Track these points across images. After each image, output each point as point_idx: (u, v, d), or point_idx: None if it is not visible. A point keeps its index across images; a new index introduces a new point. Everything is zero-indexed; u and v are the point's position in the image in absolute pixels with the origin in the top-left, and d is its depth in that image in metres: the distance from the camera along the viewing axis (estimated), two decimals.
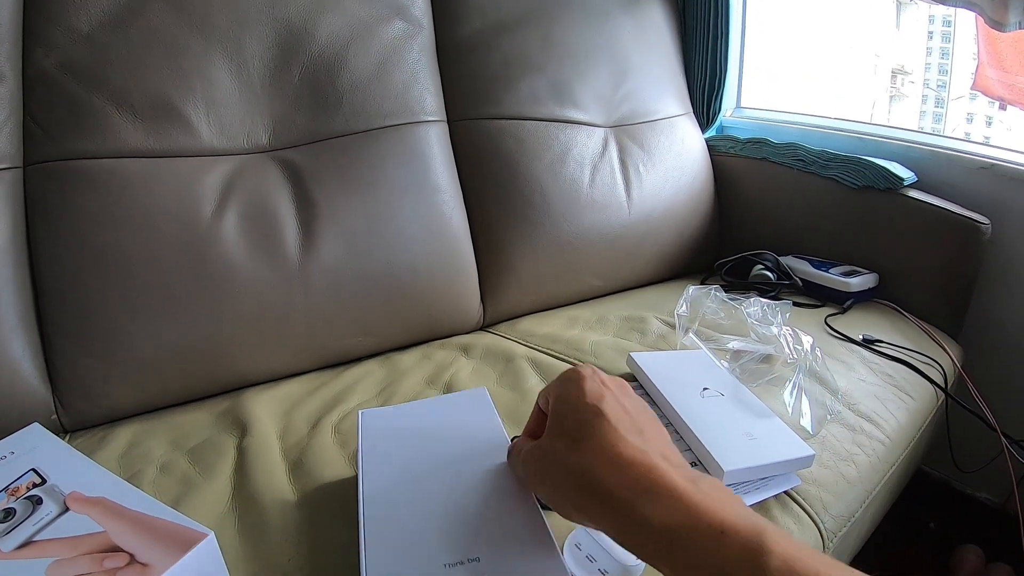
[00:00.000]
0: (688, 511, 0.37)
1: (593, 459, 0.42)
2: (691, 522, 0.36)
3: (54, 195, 0.91)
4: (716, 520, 0.36)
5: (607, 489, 0.41)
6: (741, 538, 0.34)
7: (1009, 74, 1.48)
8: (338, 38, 1.11)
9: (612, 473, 0.41)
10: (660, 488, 0.39)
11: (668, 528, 0.37)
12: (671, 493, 0.38)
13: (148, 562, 0.49)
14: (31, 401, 0.89)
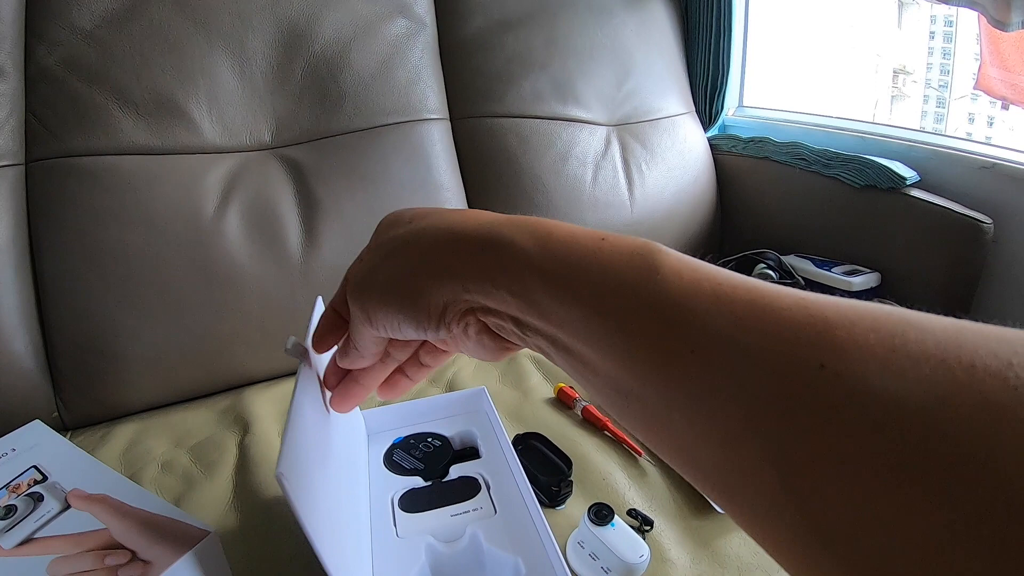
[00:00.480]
0: (548, 232, 0.31)
1: (430, 223, 0.36)
2: (558, 234, 0.30)
3: (56, 192, 0.91)
4: (590, 231, 0.30)
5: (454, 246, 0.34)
6: (624, 244, 0.29)
7: (1012, 74, 1.48)
8: (341, 36, 1.10)
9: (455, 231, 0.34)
10: (512, 224, 0.33)
11: (540, 253, 0.30)
12: (522, 219, 0.33)
13: (150, 559, 0.49)
14: (33, 398, 0.89)
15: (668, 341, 0.24)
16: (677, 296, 0.25)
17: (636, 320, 0.26)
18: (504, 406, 0.91)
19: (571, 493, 0.73)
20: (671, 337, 0.24)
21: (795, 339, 0.22)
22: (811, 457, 0.20)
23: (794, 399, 0.21)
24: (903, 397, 0.19)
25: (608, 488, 0.76)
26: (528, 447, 0.79)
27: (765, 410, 0.21)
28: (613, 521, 0.63)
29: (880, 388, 0.19)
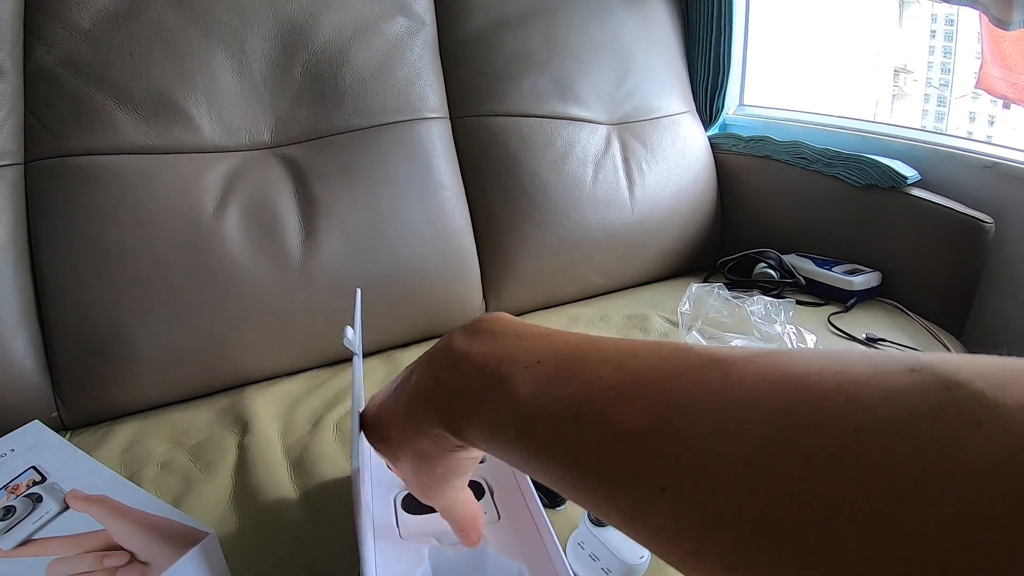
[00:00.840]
0: (452, 387, 0.35)
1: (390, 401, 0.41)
2: (457, 397, 0.34)
3: (55, 192, 0.91)
4: (473, 390, 0.33)
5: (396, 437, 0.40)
6: (494, 396, 0.32)
7: (1013, 72, 1.47)
8: (340, 35, 1.10)
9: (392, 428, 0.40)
10: (419, 387, 0.37)
11: (450, 420, 0.34)
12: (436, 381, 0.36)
13: (149, 561, 0.49)
14: (32, 398, 0.89)
15: (560, 479, 0.28)
16: (544, 446, 0.29)
17: (533, 464, 0.30)
18: None
19: None
20: (559, 476, 0.28)
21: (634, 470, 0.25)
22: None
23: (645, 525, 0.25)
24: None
25: None
26: None
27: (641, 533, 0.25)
28: None
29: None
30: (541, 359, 0.31)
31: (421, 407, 0.36)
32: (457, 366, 0.34)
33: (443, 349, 0.36)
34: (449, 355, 0.35)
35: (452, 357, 0.35)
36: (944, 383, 0.18)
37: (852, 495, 0.18)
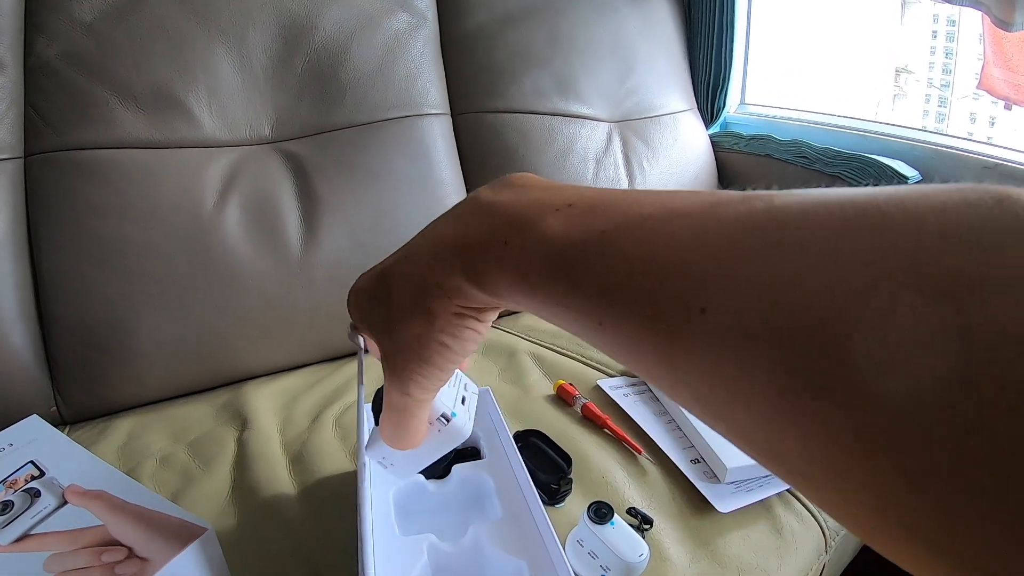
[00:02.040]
0: (476, 231, 0.33)
1: (387, 284, 0.37)
2: (479, 243, 0.32)
3: (55, 186, 0.90)
4: (499, 231, 0.31)
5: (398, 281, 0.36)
6: (521, 238, 0.30)
7: (1015, 74, 1.47)
8: (342, 30, 1.10)
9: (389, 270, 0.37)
10: (443, 233, 0.34)
11: (471, 266, 0.32)
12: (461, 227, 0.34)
13: (147, 556, 0.49)
14: (31, 393, 0.89)
15: (584, 319, 0.27)
16: (571, 281, 0.27)
17: (557, 305, 0.28)
18: (504, 403, 0.90)
19: (571, 491, 0.73)
20: (586, 315, 0.27)
21: (669, 293, 0.23)
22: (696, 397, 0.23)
23: (679, 350, 0.23)
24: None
25: (607, 486, 0.75)
26: (528, 444, 0.79)
27: (664, 363, 0.24)
28: (613, 520, 0.63)
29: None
30: (573, 203, 0.30)
31: (439, 258, 0.33)
32: (482, 213, 0.33)
33: (468, 202, 0.35)
34: (474, 205, 0.34)
35: (477, 206, 0.33)
36: (996, 195, 0.17)
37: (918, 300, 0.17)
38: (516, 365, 1.03)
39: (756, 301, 0.20)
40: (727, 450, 0.77)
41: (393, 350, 0.36)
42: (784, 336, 0.19)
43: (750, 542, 0.71)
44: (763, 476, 0.79)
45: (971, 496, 0.15)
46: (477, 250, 0.31)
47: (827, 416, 0.18)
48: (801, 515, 0.77)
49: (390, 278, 0.37)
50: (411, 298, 0.35)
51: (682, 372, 0.23)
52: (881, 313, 0.17)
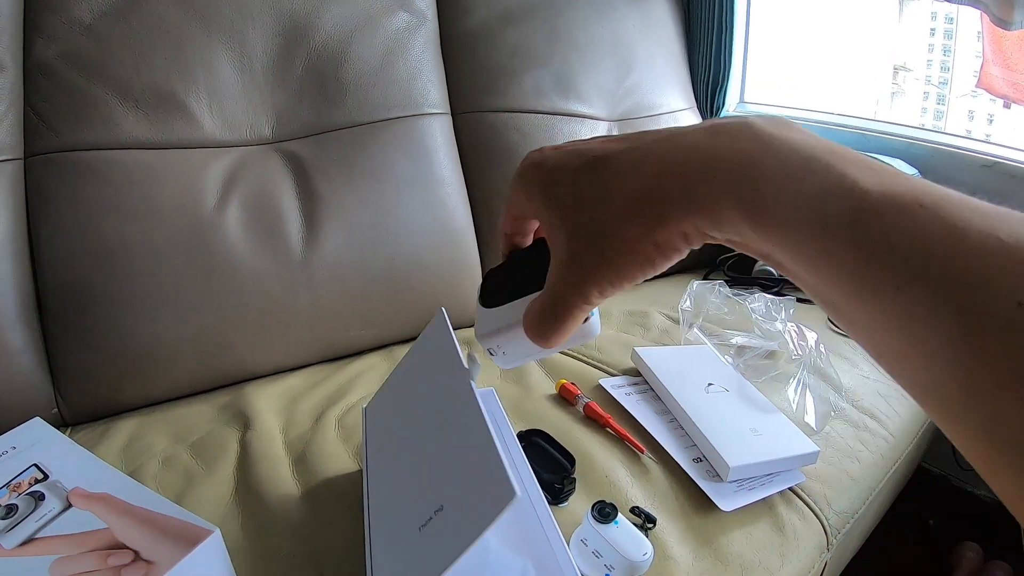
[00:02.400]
0: (760, 163, 0.29)
1: (631, 192, 0.32)
2: (764, 174, 0.29)
3: (55, 187, 0.90)
4: (792, 166, 0.29)
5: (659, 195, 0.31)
6: (822, 180, 0.28)
7: (1014, 72, 1.47)
8: (342, 29, 1.10)
9: (654, 190, 0.32)
10: (714, 155, 0.30)
11: (744, 200, 0.29)
12: (735, 153, 0.30)
13: (153, 559, 0.49)
14: (32, 394, 0.89)
15: (875, 281, 0.26)
16: (880, 236, 0.26)
17: (844, 260, 0.26)
18: (506, 402, 0.90)
19: (574, 491, 0.73)
20: (877, 277, 0.26)
21: (990, 279, 0.23)
22: (997, 384, 0.22)
23: (989, 335, 0.22)
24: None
25: (611, 485, 0.76)
26: (531, 444, 0.79)
27: (959, 342, 0.23)
28: (616, 519, 0.63)
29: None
30: (871, 167, 0.28)
31: (705, 176, 0.30)
32: (769, 144, 0.30)
33: (739, 126, 0.31)
34: (752, 132, 0.30)
35: (757, 134, 0.30)
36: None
37: None
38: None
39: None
40: (730, 449, 0.77)
41: (586, 248, 0.34)
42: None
43: (753, 540, 0.72)
44: (765, 475, 0.79)
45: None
46: (762, 181, 0.29)
47: None
48: (803, 513, 0.77)
49: (614, 171, 0.33)
50: (640, 202, 0.32)
51: (982, 357, 0.23)
52: None
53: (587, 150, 0.35)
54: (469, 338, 1.14)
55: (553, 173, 0.36)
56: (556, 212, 0.35)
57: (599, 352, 1.06)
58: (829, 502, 0.80)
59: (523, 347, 0.42)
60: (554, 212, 0.35)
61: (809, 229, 0.27)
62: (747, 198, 0.29)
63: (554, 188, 0.35)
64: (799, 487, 0.80)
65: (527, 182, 0.37)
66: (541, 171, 0.36)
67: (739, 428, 0.82)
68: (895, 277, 0.25)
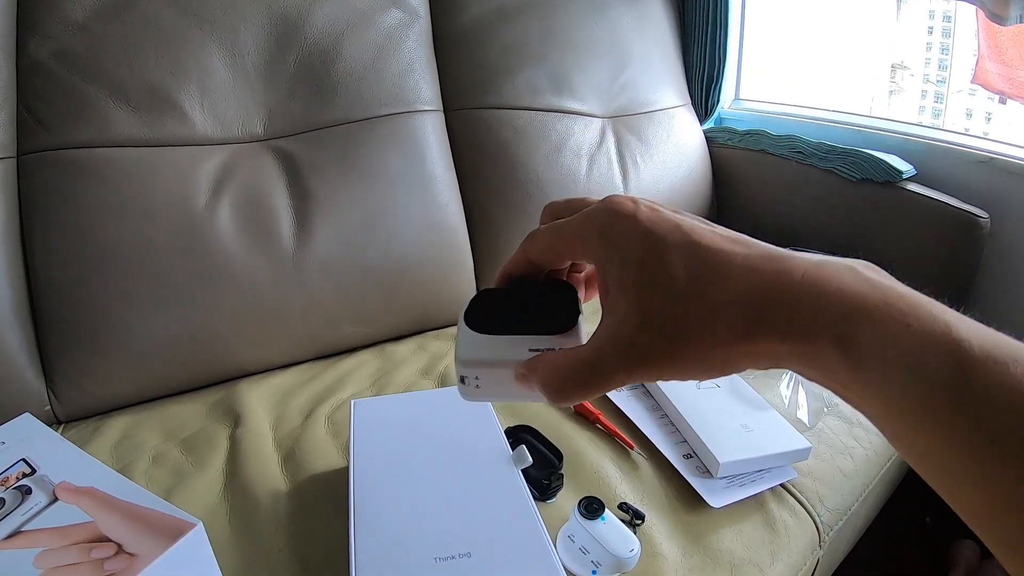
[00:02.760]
0: (857, 309, 0.29)
1: (731, 295, 0.30)
2: (863, 323, 0.28)
3: (48, 185, 0.90)
4: (896, 310, 0.28)
5: (759, 325, 0.30)
6: (929, 327, 0.27)
7: (1009, 68, 1.47)
8: (334, 27, 1.10)
9: (756, 305, 0.30)
10: (816, 288, 0.29)
11: (842, 338, 0.28)
12: (829, 299, 0.29)
13: (135, 552, 0.49)
14: (25, 392, 0.89)
15: (969, 432, 0.26)
16: (979, 388, 0.26)
17: (940, 423, 0.26)
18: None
19: (562, 486, 0.73)
20: (972, 429, 0.26)
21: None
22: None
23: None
24: None
25: (599, 481, 0.75)
26: (519, 440, 0.79)
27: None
28: (604, 515, 0.63)
29: None
30: (965, 318, 0.28)
31: (813, 304, 0.29)
32: (877, 285, 0.29)
33: (847, 267, 0.30)
34: (860, 275, 0.30)
35: (866, 277, 0.29)
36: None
37: None
38: None
39: None
40: (720, 445, 0.77)
41: (656, 336, 0.31)
42: None
43: (743, 537, 0.72)
44: (756, 471, 0.79)
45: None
46: (868, 323, 0.28)
47: None
48: (794, 510, 0.77)
49: (720, 272, 0.31)
50: (736, 314, 0.30)
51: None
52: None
53: (692, 231, 0.32)
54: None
55: (648, 236, 0.32)
56: (633, 279, 0.32)
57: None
58: (821, 499, 0.80)
59: (504, 387, 0.39)
60: (630, 277, 0.32)
61: (909, 375, 0.27)
62: (849, 336, 0.28)
63: (642, 253, 0.32)
64: (791, 484, 0.80)
65: (608, 230, 0.34)
66: (633, 226, 0.33)
67: (730, 424, 0.82)
68: (990, 430, 0.25)
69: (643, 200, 0.34)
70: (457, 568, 0.51)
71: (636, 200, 0.34)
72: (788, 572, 0.72)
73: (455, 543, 0.53)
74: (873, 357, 0.27)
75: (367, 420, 0.71)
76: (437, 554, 0.52)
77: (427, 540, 0.53)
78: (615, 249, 0.33)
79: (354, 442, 0.67)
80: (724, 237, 0.32)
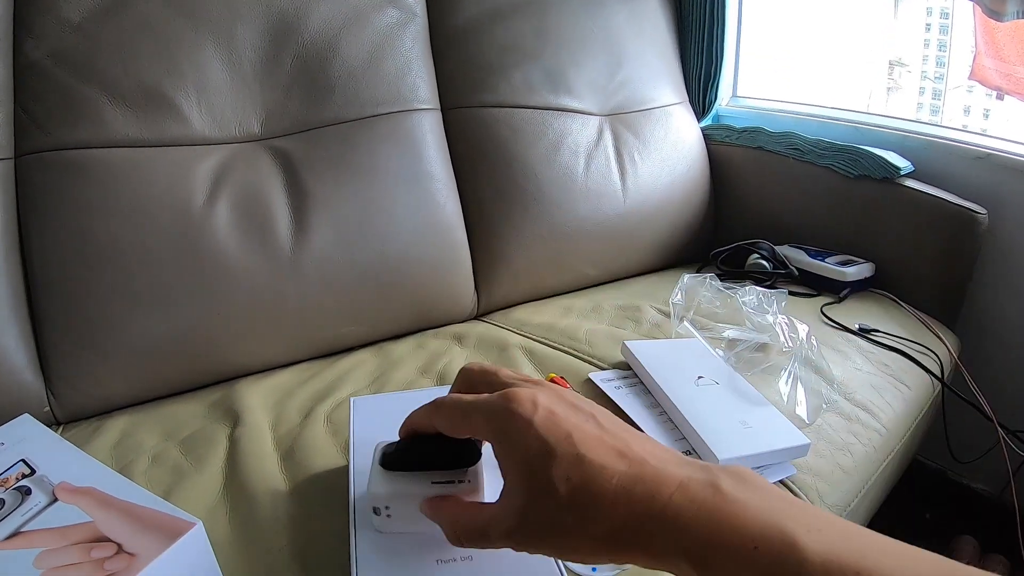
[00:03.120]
0: (717, 528, 0.34)
1: (606, 528, 0.36)
2: (720, 541, 0.33)
3: (45, 186, 0.90)
4: (746, 535, 0.33)
5: (629, 547, 0.36)
6: (775, 549, 0.32)
7: (1007, 64, 1.47)
8: (330, 26, 1.10)
9: (626, 534, 0.36)
10: (677, 515, 0.35)
11: (697, 559, 0.34)
12: (693, 516, 0.35)
13: (135, 552, 0.49)
14: (23, 393, 0.89)
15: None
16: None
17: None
18: None
19: None
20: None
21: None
22: None
23: None
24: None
25: None
26: None
27: None
28: None
29: None
30: (822, 528, 0.32)
31: (672, 536, 0.35)
32: (727, 509, 0.34)
33: (704, 485, 0.36)
34: (716, 492, 0.35)
35: (719, 496, 0.35)
36: None
37: None
38: (507, 359, 1.03)
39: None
40: (719, 441, 0.77)
41: (537, 530, 0.38)
42: None
43: None
44: (756, 467, 0.79)
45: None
46: (719, 545, 0.33)
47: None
48: None
49: (597, 492, 0.36)
50: (606, 533, 0.36)
51: None
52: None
53: (581, 443, 0.38)
54: (461, 333, 1.15)
55: (540, 444, 0.38)
56: (523, 483, 0.38)
57: (589, 346, 1.06)
58: (821, 495, 0.80)
59: (412, 519, 0.46)
60: (520, 479, 0.39)
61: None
62: (703, 560, 0.33)
63: (531, 461, 0.38)
64: (790, 480, 0.80)
65: (506, 429, 0.39)
66: (528, 431, 0.38)
67: (729, 421, 0.82)
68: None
69: (544, 401, 0.40)
70: (459, 571, 0.51)
71: (537, 402, 0.40)
72: None
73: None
74: (720, 573, 0.33)
75: (367, 418, 0.71)
76: (439, 556, 0.52)
77: (428, 541, 0.53)
78: (511, 448, 0.39)
79: (354, 440, 0.67)
80: (611, 448, 0.38)
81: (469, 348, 1.09)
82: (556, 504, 0.37)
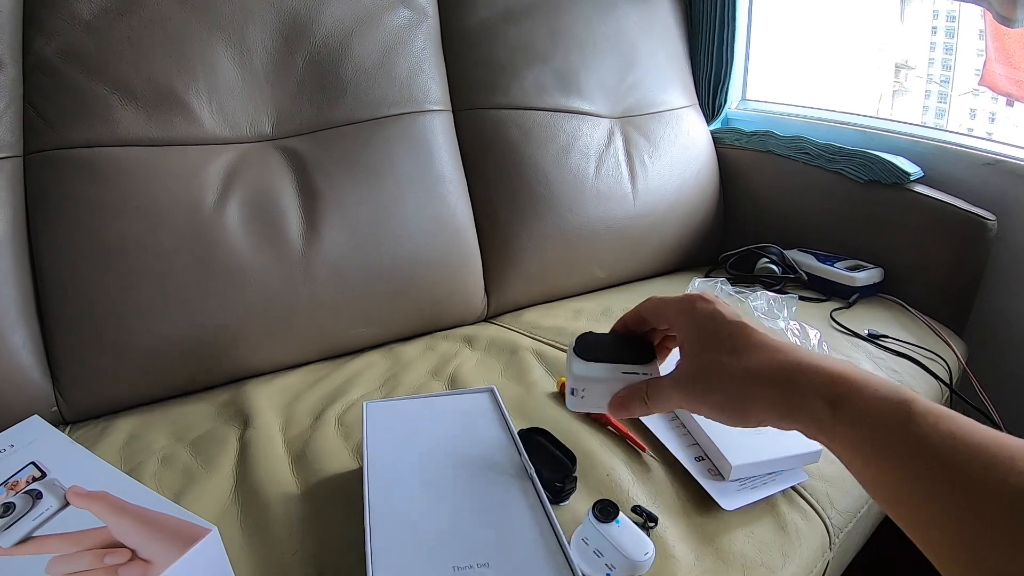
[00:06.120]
0: (842, 380, 0.42)
1: (757, 362, 0.46)
2: (846, 389, 0.42)
3: (55, 184, 0.90)
4: (869, 385, 0.41)
5: (774, 385, 0.45)
6: (891, 394, 0.40)
7: (1017, 70, 1.47)
8: (342, 26, 1.09)
9: (774, 371, 0.45)
10: (814, 370, 0.44)
11: (832, 399, 0.42)
12: (824, 374, 0.43)
13: (150, 558, 0.48)
14: (32, 393, 0.88)
15: (916, 472, 0.37)
16: (924, 440, 0.37)
17: (895, 456, 0.38)
18: (508, 401, 0.90)
19: (575, 489, 0.73)
20: (918, 469, 0.37)
21: (1003, 478, 0.34)
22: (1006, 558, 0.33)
23: (997, 519, 0.33)
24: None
25: (612, 484, 0.75)
26: (532, 443, 0.78)
27: (972, 519, 0.34)
28: (618, 518, 0.63)
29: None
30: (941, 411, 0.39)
31: (813, 376, 0.43)
32: (856, 369, 0.43)
33: (830, 356, 0.47)
34: (837, 360, 0.45)
35: (842, 361, 0.44)
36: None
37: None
38: (518, 362, 1.02)
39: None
40: (732, 447, 0.77)
41: (704, 390, 0.48)
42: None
43: (755, 539, 0.71)
44: (768, 473, 0.79)
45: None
46: (850, 391, 0.41)
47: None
48: (806, 512, 0.76)
49: (746, 336, 0.47)
50: (759, 378, 0.45)
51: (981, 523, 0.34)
52: None
53: (744, 319, 0.49)
54: (471, 335, 1.14)
55: (717, 315, 0.50)
56: (700, 340, 0.49)
57: None
58: (832, 501, 0.79)
59: (599, 400, 0.54)
60: (698, 339, 0.50)
61: (876, 422, 0.40)
62: (836, 397, 0.42)
63: (710, 324, 0.50)
64: (801, 486, 0.80)
65: (694, 308, 0.51)
66: (711, 310, 0.50)
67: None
68: (930, 473, 0.37)
69: (720, 299, 0.52)
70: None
71: (717, 298, 0.52)
72: (799, 574, 0.71)
73: (473, 551, 0.53)
74: (853, 411, 0.41)
75: (380, 422, 0.71)
76: (456, 563, 0.51)
77: (445, 547, 0.53)
78: (692, 318, 0.51)
79: (367, 445, 0.67)
80: (758, 329, 0.49)
81: (479, 350, 1.08)
82: (720, 348, 0.48)
